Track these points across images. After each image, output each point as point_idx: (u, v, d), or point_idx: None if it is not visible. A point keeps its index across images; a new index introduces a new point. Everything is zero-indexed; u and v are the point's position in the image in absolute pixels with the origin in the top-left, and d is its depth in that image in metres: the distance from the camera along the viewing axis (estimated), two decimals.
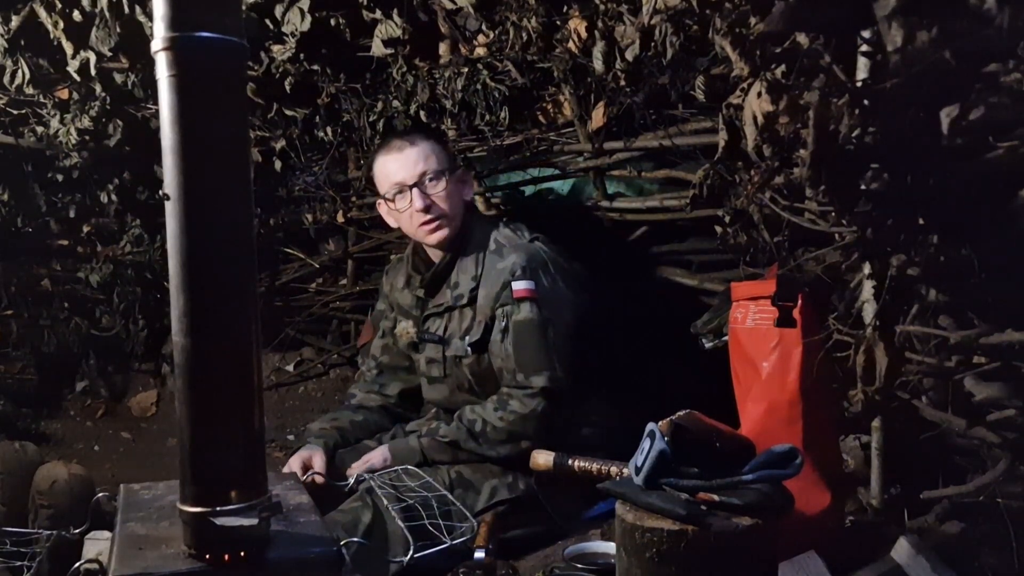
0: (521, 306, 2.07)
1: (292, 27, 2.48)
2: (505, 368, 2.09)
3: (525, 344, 2.06)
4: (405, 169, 2.17)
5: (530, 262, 2.11)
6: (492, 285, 2.12)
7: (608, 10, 2.09)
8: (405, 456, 2.08)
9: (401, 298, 2.37)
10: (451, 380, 2.23)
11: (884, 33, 1.18)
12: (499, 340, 2.09)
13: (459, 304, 2.18)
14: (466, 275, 2.18)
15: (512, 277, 2.09)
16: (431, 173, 2.16)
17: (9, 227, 3.12)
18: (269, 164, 2.98)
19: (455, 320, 2.20)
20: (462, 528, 1.56)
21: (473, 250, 2.19)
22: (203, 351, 1.19)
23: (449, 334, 2.20)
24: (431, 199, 2.16)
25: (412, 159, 2.17)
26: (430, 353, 2.25)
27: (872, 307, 1.60)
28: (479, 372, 2.17)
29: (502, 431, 2.04)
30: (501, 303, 2.10)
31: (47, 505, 2.17)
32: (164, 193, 1.18)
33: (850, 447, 1.81)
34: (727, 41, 1.38)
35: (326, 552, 1.23)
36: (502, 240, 2.19)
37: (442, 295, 2.23)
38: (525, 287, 2.08)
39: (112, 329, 3.35)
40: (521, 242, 2.18)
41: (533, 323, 2.06)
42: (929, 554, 1.48)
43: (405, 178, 2.17)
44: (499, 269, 2.12)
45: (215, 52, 1.16)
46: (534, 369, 2.05)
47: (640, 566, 1.27)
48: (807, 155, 1.32)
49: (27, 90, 2.75)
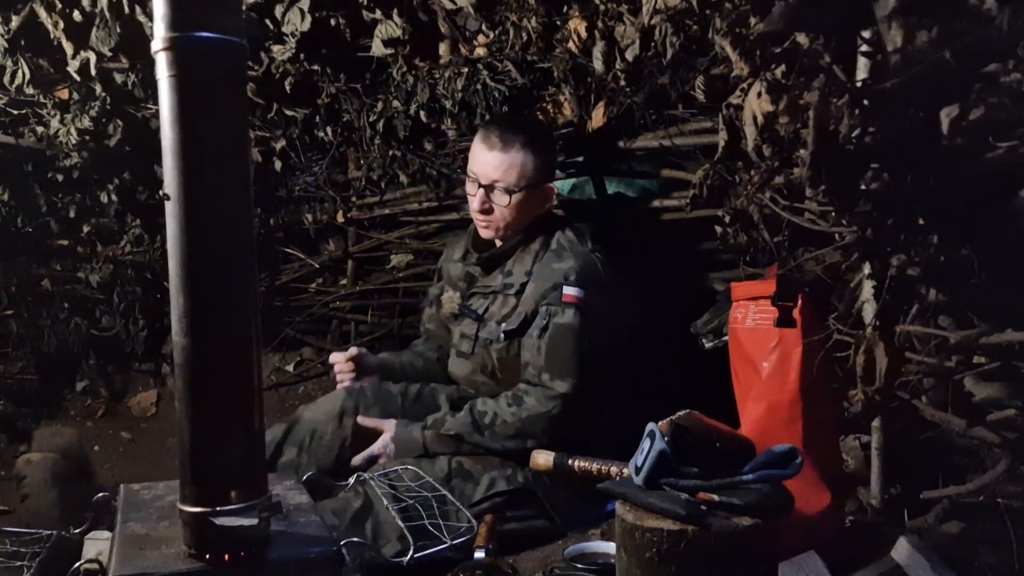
0: (566, 310, 2.09)
1: (292, 27, 2.48)
2: (532, 363, 2.10)
3: (559, 347, 2.07)
4: (483, 167, 2.17)
5: (585, 270, 2.12)
6: (544, 281, 2.13)
7: (608, 10, 2.09)
8: (407, 446, 2.10)
9: (453, 269, 2.39)
10: (476, 359, 2.25)
11: (884, 33, 1.18)
12: (535, 335, 2.10)
13: (507, 292, 2.21)
14: (521, 267, 2.21)
15: (565, 280, 2.10)
16: (503, 186, 2.15)
17: (9, 227, 3.12)
18: (269, 164, 2.98)
19: (497, 304, 2.22)
20: (462, 528, 1.56)
21: (535, 245, 2.21)
22: (203, 351, 1.19)
23: (488, 315, 2.22)
24: (491, 205, 2.18)
25: (494, 163, 2.15)
26: (465, 328, 2.28)
27: (872, 307, 1.60)
28: (505, 359, 2.19)
29: (511, 426, 2.06)
30: (548, 302, 2.11)
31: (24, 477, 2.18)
32: (164, 193, 1.18)
33: (850, 447, 1.81)
34: (727, 41, 1.38)
35: (326, 552, 1.23)
36: (564, 243, 2.20)
37: (493, 278, 2.26)
38: (575, 293, 2.09)
39: (112, 329, 3.34)
40: (582, 249, 2.19)
41: (573, 330, 2.07)
42: (929, 554, 1.48)
43: (479, 174, 2.18)
44: (554, 269, 2.14)
45: (215, 52, 1.16)
46: (560, 373, 2.06)
47: (640, 566, 1.27)
48: (807, 155, 1.33)
49: (27, 90, 2.75)
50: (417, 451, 2.10)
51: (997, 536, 1.52)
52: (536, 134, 2.22)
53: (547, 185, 2.22)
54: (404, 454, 2.09)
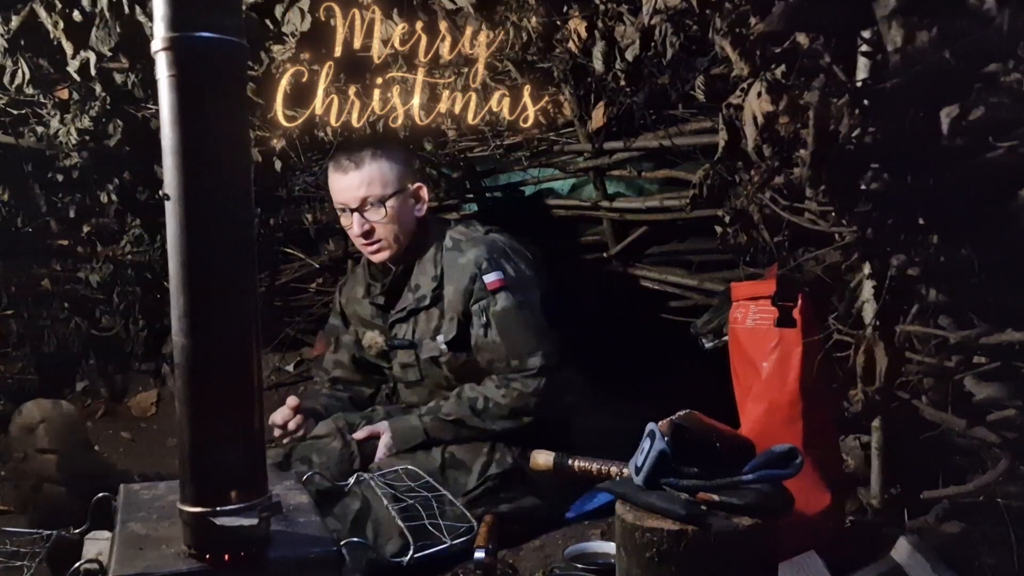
0: (497, 297, 2.10)
1: (292, 27, 2.48)
2: (497, 359, 2.11)
3: (511, 331, 2.09)
4: (346, 192, 2.16)
5: (492, 252, 2.14)
6: (458, 280, 2.13)
7: (608, 10, 2.09)
8: (408, 436, 2.10)
9: (361, 309, 2.37)
10: (429, 381, 2.24)
11: (884, 33, 1.18)
12: (483, 335, 2.11)
13: (422, 306, 2.19)
14: (425, 276, 2.19)
15: (480, 271, 2.11)
16: (372, 200, 2.14)
17: (9, 227, 3.12)
18: (269, 164, 2.98)
19: (422, 322, 2.20)
20: (462, 528, 1.56)
21: (430, 251, 2.20)
22: (203, 351, 1.19)
23: (419, 337, 2.21)
24: (371, 225, 2.16)
25: (354, 184, 2.15)
26: (403, 359, 2.26)
27: (872, 307, 1.60)
28: (457, 368, 2.18)
29: (505, 407, 2.07)
30: (476, 298, 2.11)
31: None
32: (164, 193, 1.18)
33: (850, 447, 1.81)
34: (727, 41, 1.38)
35: (326, 552, 1.23)
36: (458, 236, 2.20)
37: (403, 300, 2.24)
38: (496, 278, 2.11)
39: (112, 329, 3.35)
40: (477, 235, 2.20)
41: (513, 310, 2.09)
42: (929, 554, 1.48)
43: (347, 201, 2.17)
44: (461, 264, 2.14)
45: (215, 52, 1.16)
46: (527, 352, 2.08)
47: (640, 566, 1.27)
48: (807, 155, 1.33)
49: (27, 90, 2.75)
50: (419, 438, 2.10)
51: (997, 536, 1.52)
52: (379, 142, 2.23)
53: (414, 186, 2.21)
54: (406, 444, 2.09)
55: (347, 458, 2.11)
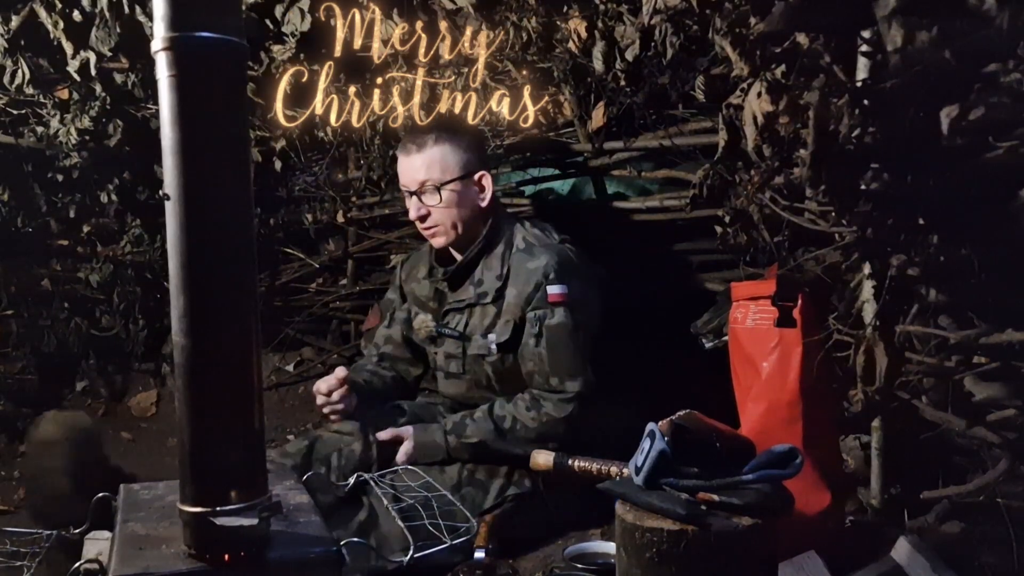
0: (555, 311, 2.06)
1: (292, 27, 2.48)
2: (537, 372, 2.07)
3: (559, 349, 2.05)
4: (407, 175, 2.15)
5: (563, 265, 2.08)
6: (523, 284, 2.09)
7: (608, 10, 2.09)
8: (430, 451, 2.07)
9: (419, 288, 2.33)
10: (469, 376, 2.21)
11: (884, 33, 1.18)
12: (532, 344, 2.07)
13: (482, 301, 2.15)
14: (491, 272, 2.16)
15: (546, 280, 2.06)
16: (430, 184, 2.12)
17: (9, 227, 3.12)
18: (269, 164, 2.98)
19: (476, 316, 2.17)
20: (462, 528, 1.56)
21: (499, 248, 2.16)
22: (203, 351, 1.19)
23: (470, 330, 2.18)
24: (427, 209, 2.14)
25: (415, 166, 2.13)
26: (449, 348, 2.23)
27: (872, 307, 1.60)
28: (501, 371, 2.15)
29: (532, 431, 2.04)
30: (534, 306, 2.07)
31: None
32: (164, 193, 1.18)
33: (850, 447, 1.81)
34: (727, 41, 1.38)
35: (326, 552, 1.23)
36: (531, 239, 2.16)
37: (464, 291, 2.20)
38: (559, 291, 2.06)
39: (112, 329, 3.35)
40: (551, 242, 2.15)
41: (567, 328, 2.05)
42: (929, 554, 1.48)
43: (407, 183, 2.16)
44: (529, 269, 2.09)
45: (215, 52, 1.16)
46: (568, 374, 2.05)
47: (640, 566, 1.27)
48: (807, 155, 1.33)
49: (27, 90, 2.75)
50: (440, 455, 2.07)
51: (997, 536, 1.52)
52: (447, 127, 2.19)
53: (477, 175, 2.16)
54: (426, 458, 2.06)
55: (366, 462, 2.07)
